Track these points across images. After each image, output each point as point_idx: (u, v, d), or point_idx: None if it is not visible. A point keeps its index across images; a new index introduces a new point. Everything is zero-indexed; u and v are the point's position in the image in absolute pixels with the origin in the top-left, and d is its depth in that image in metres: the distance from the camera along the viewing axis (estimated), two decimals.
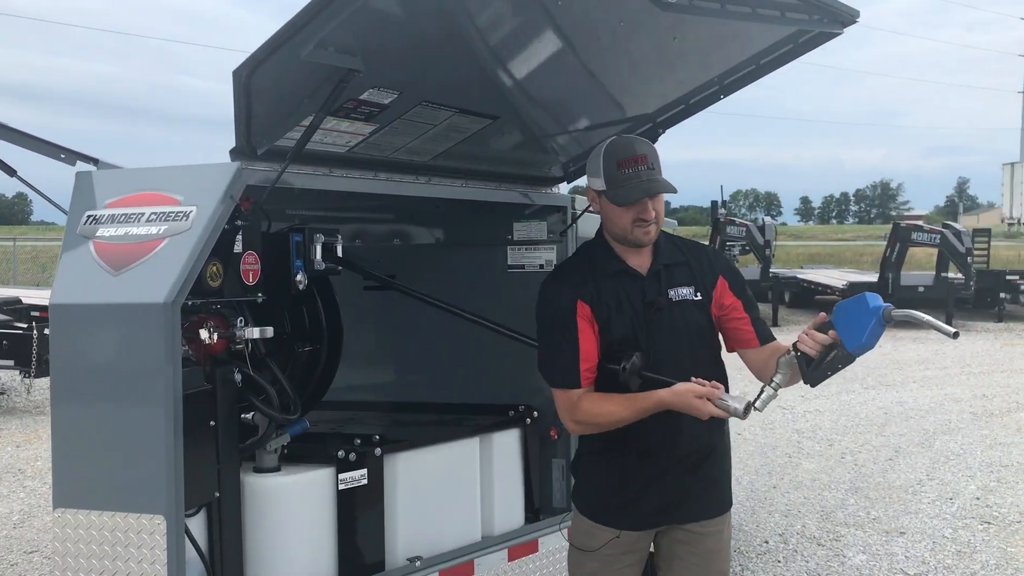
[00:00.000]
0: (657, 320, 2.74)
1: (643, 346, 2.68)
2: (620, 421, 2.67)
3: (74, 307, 2.70)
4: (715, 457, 2.87)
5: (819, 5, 3.18)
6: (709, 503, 2.87)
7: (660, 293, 2.76)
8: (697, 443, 2.81)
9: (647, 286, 2.77)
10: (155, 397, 2.56)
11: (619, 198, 2.69)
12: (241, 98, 2.70)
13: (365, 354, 4.46)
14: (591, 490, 2.89)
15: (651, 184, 2.69)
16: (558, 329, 2.75)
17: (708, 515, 2.86)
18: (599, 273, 2.78)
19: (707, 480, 2.85)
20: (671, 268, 2.80)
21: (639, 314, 2.74)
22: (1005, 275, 20.61)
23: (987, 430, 9.22)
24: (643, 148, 2.74)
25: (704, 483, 2.85)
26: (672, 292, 2.77)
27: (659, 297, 2.75)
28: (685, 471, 2.81)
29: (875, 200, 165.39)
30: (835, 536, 5.99)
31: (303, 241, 3.23)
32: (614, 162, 2.71)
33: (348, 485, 3.27)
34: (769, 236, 20.11)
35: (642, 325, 2.73)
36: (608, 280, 2.77)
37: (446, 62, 3.10)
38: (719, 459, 2.89)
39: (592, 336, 2.72)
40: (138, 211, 2.74)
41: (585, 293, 2.74)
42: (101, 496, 2.63)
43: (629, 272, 2.78)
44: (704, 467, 2.84)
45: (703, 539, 2.84)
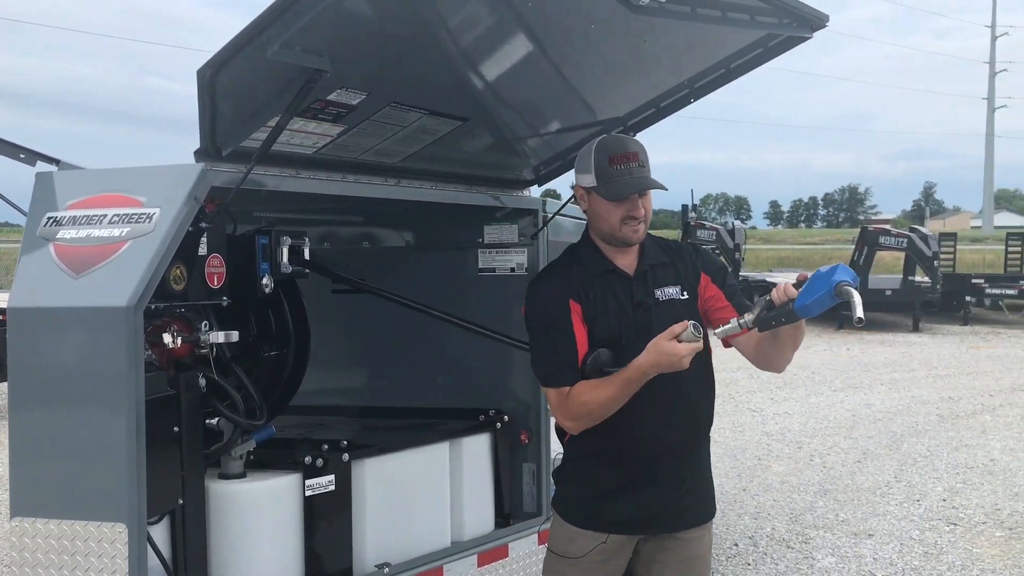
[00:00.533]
0: (645, 320, 2.73)
1: (631, 346, 2.66)
2: (610, 401, 2.64)
3: (34, 310, 2.63)
4: (703, 461, 2.88)
5: (788, 9, 3.19)
6: (699, 510, 2.87)
7: (648, 293, 2.77)
8: (684, 445, 2.81)
9: (635, 286, 2.77)
10: (117, 403, 2.51)
11: (610, 193, 2.70)
12: (205, 98, 2.66)
13: (333, 358, 4.42)
14: (578, 495, 2.85)
15: (642, 180, 2.71)
16: (554, 329, 2.73)
17: (697, 522, 2.85)
18: (587, 273, 2.79)
19: (696, 487, 2.85)
20: (657, 268, 2.81)
21: (627, 314, 2.75)
22: (971, 278, 20.88)
23: (953, 432, 9.31)
24: (635, 146, 2.76)
25: (694, 491, 2.84)
26: (659, 292, 2.78)
27: (647, 297, 2.76)
28: (677, 476, 2.80)
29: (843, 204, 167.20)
30: (804, 538, 6.01)
31: (269, 243, 3.19)
32: (606, 158, 2.71)
33: (315, 491, 3.23)
34: (739, 240, 20.26)
35: (629, 325, 2.73)
36: (596, 280, 2.77)
37: (416, 63, 3.07)
38: (706, 463, 2.90)
39: (584, 335, 2.73)
40: (100, 213, 2.69)
41: (576, 292, 2.75)
42: (61, 504, 2.57)
43: (617, 272, 2.79)
44: (695, 471, 2.84)
45: (687, 544, 2.83)
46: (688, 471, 2.82)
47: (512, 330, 3.83)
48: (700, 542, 2.87)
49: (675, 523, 2.82)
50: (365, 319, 4.40)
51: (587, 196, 2.78)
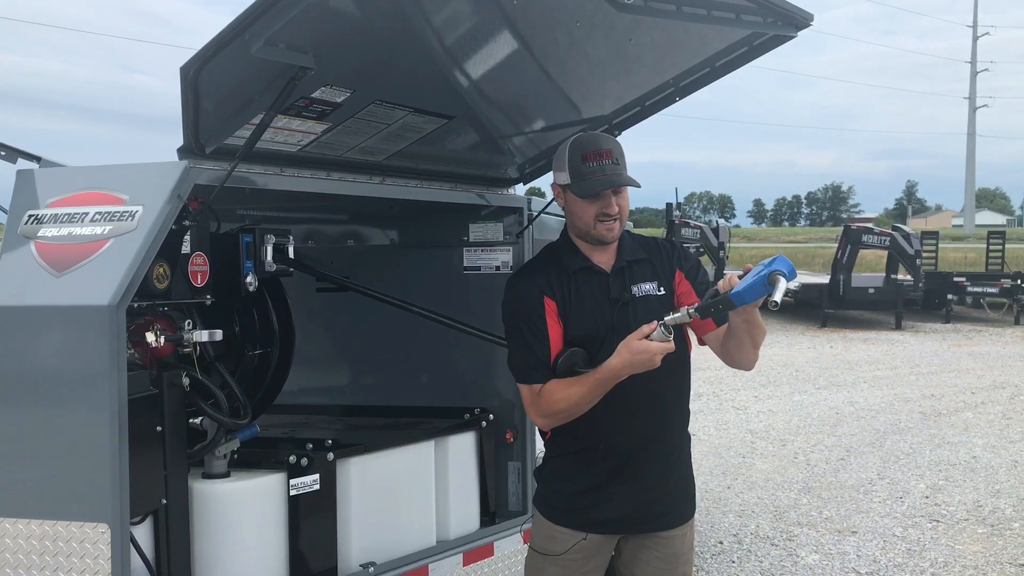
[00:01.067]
0: (622, 316, 2.74)
1: (608, 342, 2.66)
2: (581, 400, 2.64)
3: (14, 309, 2.61)
4: (683, 460, 2.89)
5: (773, 8, 3.19)
6: (678, 510, 2.88)
7: (624, 289, 2.77)
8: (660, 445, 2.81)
9: (611, 282, 2.78)
10: (99, 402, 2.49)
11: (583, 190, 2.71)
12: (189, 95, 2.63)
13: (318, 357, 4.41)
14: (558, 493, 2.86)
15: (615, 177, 2.71)
16: (526, 325, 2.75)
17: (676, 522, 2.86)
18: (564, 270, 2.79)
19: (677, 486, 2.86)
20: (634, 265, 2.81)
21: (603, 310, 2.75)
22: (952, 277, 21.03)
23: (935, 429, 9.38)
24: (608, 143, 2.77)
25: (674, 490, 2.85)
26: (635, 288, 2.78)
27: (623, 293, 2.76)
28: (656, 476, 2.80)
29: (826, 203, 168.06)
30: (788, 536, 6.04)
31: (253, 242, 3.17)
32: (579, 156, 2.73)
33: (300, 491, 3.21)
34: (723, 238, 20.32)
35: (606, 321, 2.74)
36: (572, 277, 2.78)
37: (401, 61, 3.06)
38: (686, 462, 2.91)
39: (559, 332, 2.73)
40: (82, 211, 2.67)
41: (550, 289, 2.76)
42: (42, 504, 2.54)
43: (593, 269, 2.79)
44: (674, 470, 2.85)
45: (668, 542, 2.84)
46: (666, 470, 2.82)
47: (497, 328, 3.81)
48: (682, 540, 2.87)
49: (654, 523, 2.83)
50: (350, 318, 4.38)
51: (563, 194, 2.80)
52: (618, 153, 2.75)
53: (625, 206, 2.78)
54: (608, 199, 2.72)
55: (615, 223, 2.75)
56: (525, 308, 2.76)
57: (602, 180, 2.70)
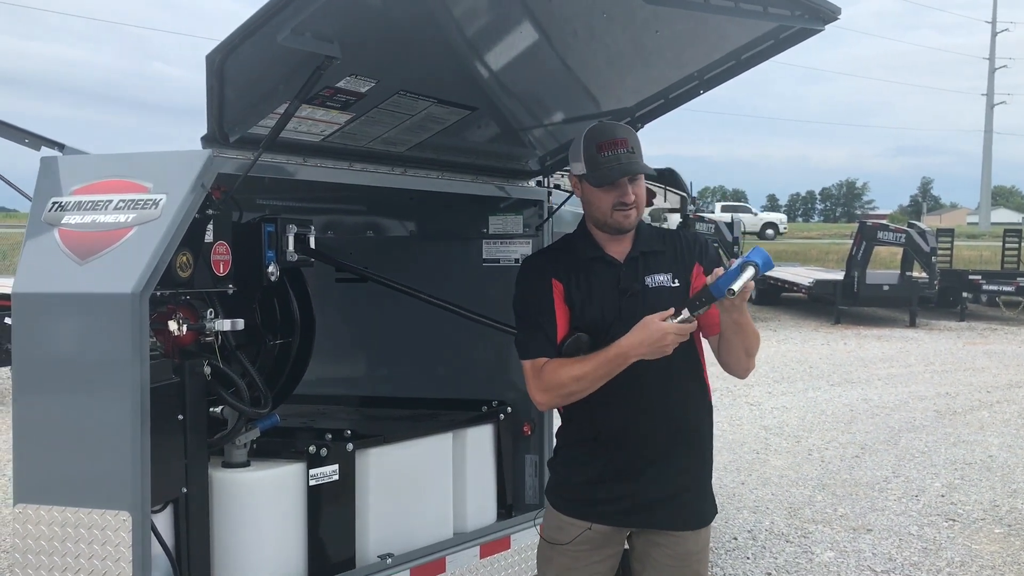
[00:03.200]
0: (630, 306, 2.72)
1: (616, 332, 2.64)
2: (584, 377, 2.63)
3: (38, 296, 2.61)
4: (695, 463, 2.82)
5: (801, 1, 3.17)
6: (691, 512, 2.81)
7: (636, 280, 2.76)
8: (671, 443, 2.77)
9: (623, 273, 2.77)
10: (121, 390, 2.49)
11: (597, 179, 2.71)
12: (214, 84, 2.63)
13: (337, 348, 4.41)
14: (564, 482, 2.86)
15: (630, 165, 2.71)
16: (533, 303, 2.78)
17: (691, 526, 2.81)
18: (575, 258, 2.81)
19: (688, 488, 2.80)
20: (649, 255, 2.80)
21: (612, 300, 2.75)
22: (968, 275, 20.89)
23: (951, 428, 9.32)
24: (623, 132, 2.76)
25: (685, 492, 2.79)
26: (649, 279, 2.77)
27: (634, 284, 2.75)
28: (663, 473, 2.77)
29: (840, 199, 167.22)
30: (803, 533, 6.01)
31: (275, 231, 3.16)
32: (594, 145, 2.72)
33: (319, 481, 3.22)
34: (737, 233, 20.24)
35: (614, 311, 2.73)
36: (583, 266, 2.79)
37: (425, 51, 3.04)
38: (700, 466, 2.84)
39: (565, 315, 2.75)
40: (106, 198, 2.66)
41: (560, 273, 2.78)
42: (64, 491, 2.55)
43: (604, 259, 2.79)
44: (685, 472, 2.80)
45: (681, 541, 2.80)
46: (677, 469, 2.78)
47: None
48: (696, 539, 2.82)
49: (661, 520, 2.78)
50: (369, 308, 4.38)
51: (579, 184, 2.81)
52: (633, 142, 2.74)
53: (641, 194, 2.78)
54: (624, 187, 2.72)
55: (632, 211, 2.75)
56: (534, 286, 2.79)
57: (617, 169, 2.70)
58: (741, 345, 2.69)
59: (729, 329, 2.64)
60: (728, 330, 2.65)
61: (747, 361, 2.75)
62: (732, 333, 2.65)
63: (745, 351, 2.72)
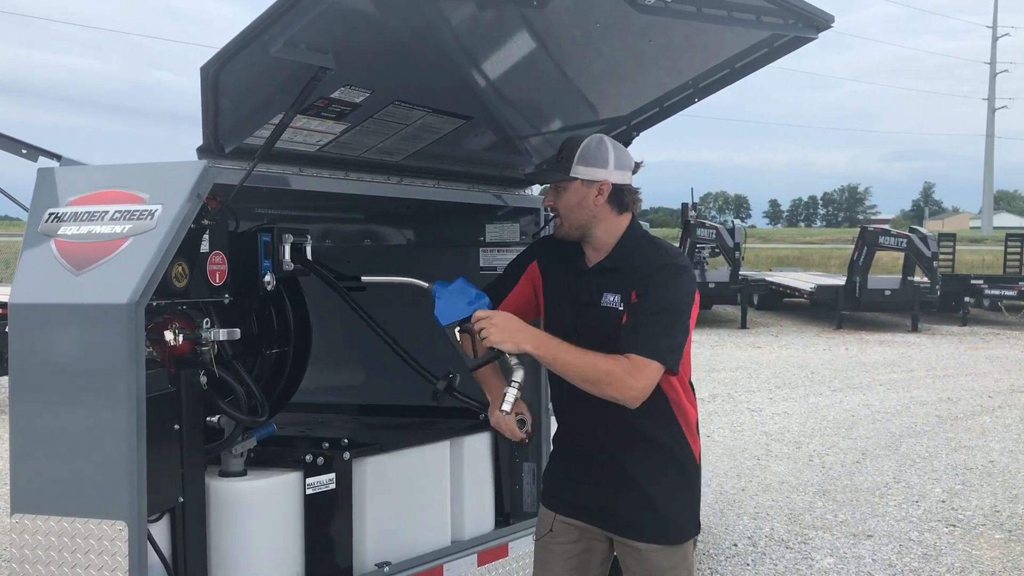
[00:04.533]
0: (584, 318, 2.77)
1: (567, 337, 2.68)
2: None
3: (35, 307, 2.62)
4: (641, 479, 2.78)
5: (794, 10, 3.18)
6: (639, 524, 2.79)
7: (595, 293, 2.77)
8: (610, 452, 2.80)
9: (584, 283, 2.80)
10: (118, 400, 2.50)
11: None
12: (209, 95, 2.65)
13: (334, 356, 4.41)
14: (545, 476, 3.07)
15: (538, 174, 2.93)
16: (509, 266, 3.03)
17: (640, 537, 2.78)
18: (562, 255, 2.88)
19: (635, 502, 2.78)
20: (609, 272, 2.77)
21: (570, 306, 2.82)
22: (970, 279, 20.90)
23: (952, 433, 9.31)
24: (568, 140, 2.81)
25: (632, 505, 2.78)
26: (604, 296, 2.76)
27: (593, 296, 2.77)
28: (606, 481, 2.80)
29: (843, 204, 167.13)
30: (803, 539, 6.01)
31: (271, 241, 3.17)
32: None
33: (316, 490, 3.22)
34: (738, 239, 20.25)
35: (571, 317, 2.80)
36: (563, 263, 2.87)
37: (420, 61, 3.06)
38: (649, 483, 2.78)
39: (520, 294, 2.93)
40: (102, 209, 2.68)
41: (544, 261, 2.89)
42: (61, 501, 2.56)
43: (577, 264, 2.83)
44: (631, 487, 2.78)
45: (646, 556, 2.78)
46: (618, 481, 2.78)
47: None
48: (666, 555, 2.78)
49: (621, 528, 2.81)
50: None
51: None
52: (569, 149, 2.75)
53: (561, 204, 2.77)
54: (549, 194, 2.83)
55: (557, 218, 2.82)
56: (518, 256, 3.03)
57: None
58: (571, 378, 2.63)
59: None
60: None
61: (588, 387, 2.61)
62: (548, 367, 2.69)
63: (575, 381, 2.62)
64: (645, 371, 2.57)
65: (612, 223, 2.76)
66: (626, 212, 2.79)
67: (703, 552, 5.72)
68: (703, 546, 5.81)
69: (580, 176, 2.72)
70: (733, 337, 18.00)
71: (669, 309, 2.64)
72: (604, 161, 2.73)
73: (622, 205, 2.77)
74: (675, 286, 2.66)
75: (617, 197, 2.75)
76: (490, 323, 2.63)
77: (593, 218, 2.75)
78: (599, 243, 2.78)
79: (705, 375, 12.61)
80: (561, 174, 2.74)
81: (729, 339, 17.64)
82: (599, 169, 2.72)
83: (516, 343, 2.60)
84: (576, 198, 2.74)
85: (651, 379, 2.59)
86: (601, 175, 2.72)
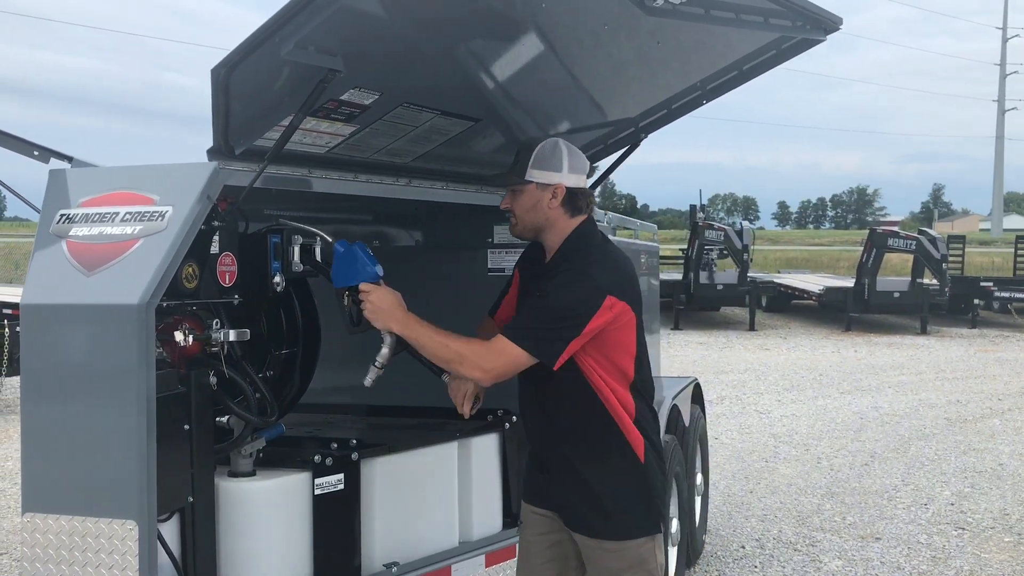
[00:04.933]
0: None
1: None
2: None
3: (46, 307, 2.64)
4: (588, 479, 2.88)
5: (802, 12, 3.19)
6: (590, 523, 2.88)
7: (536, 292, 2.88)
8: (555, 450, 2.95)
9: (535, 283, 2.92)
10: (128, 400, 2.51)
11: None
12: (219, 97, 2.66)
13: (343, 356, 4.41)
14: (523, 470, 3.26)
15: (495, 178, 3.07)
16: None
17: (588, 532, 2.89)
18: (534, 255, 3.04)
19: (584, 499, 2.89)
20: (551, 272, 2.88)
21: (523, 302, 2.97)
22: (979, 281, 20.83)
23: (961, 436, 9.29)
24: (523, 145, 2.94)
25: (581, 502, 2.89)
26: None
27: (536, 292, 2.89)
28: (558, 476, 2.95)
29: (851, 206, 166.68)
30: (811, 541, 6.00)
31: (281, 242, 3.18)
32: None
33: (324, 490, 3.23)
34: (747, 240, 20.21)
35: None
36: (530, 263, 3.04)
37: (429, 64, 3.07)
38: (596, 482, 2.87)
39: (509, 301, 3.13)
40: (113, 210, 2.69)
41: (522, 265, 3.10)
42: (72, 500, 2.57)
43: (538, 264, 2.97)
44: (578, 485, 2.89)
45: (602, 554, 2.87)
46: (567, 475, 2.91)
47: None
48: (617, 554, 2.86)
49: (569, 520, 2.94)
50: None
51: None
52: (524, 152, 2.88)
53: (515, 205, 2.92)
54: (505, 197, 2.96)
55: (512, 218, 2.94)
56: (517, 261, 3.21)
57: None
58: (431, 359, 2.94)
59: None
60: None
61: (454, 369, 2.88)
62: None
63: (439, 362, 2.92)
64: (503, 354, 2.73)
65: (564, 225, 2.89)
66: (580, 214, 2.90)
67: (710, 554, 5.72)
68: (710, 548, 5.81)
69: (535, 179, 2.85)
70: (741, 339, 17.97)
71: (552, 307, 2.75)
72: (558, 165, 2.85)
73: (576, 208, 2.89)
74: (568, 290, 2.76)
75: (571, 200, 2.88)
76: (367, 299, 2.85)
77: (547, 220, 2.88)
78: (550, 244, 2.92)
79: (713, 377, 12.59)
80: (517, 177, 2.86)
81: (737, 341, 17.61)
82: (554, 173, 2.84)
83: (384, 323, 2.87)
84: (531, 201, 2.87)
85: (509, 363, 2.74)
86: (556, 179, 2.84)
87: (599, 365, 2.82)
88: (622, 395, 2.86)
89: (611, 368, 2.83)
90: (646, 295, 6.26)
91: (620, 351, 2.83)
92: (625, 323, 2.81)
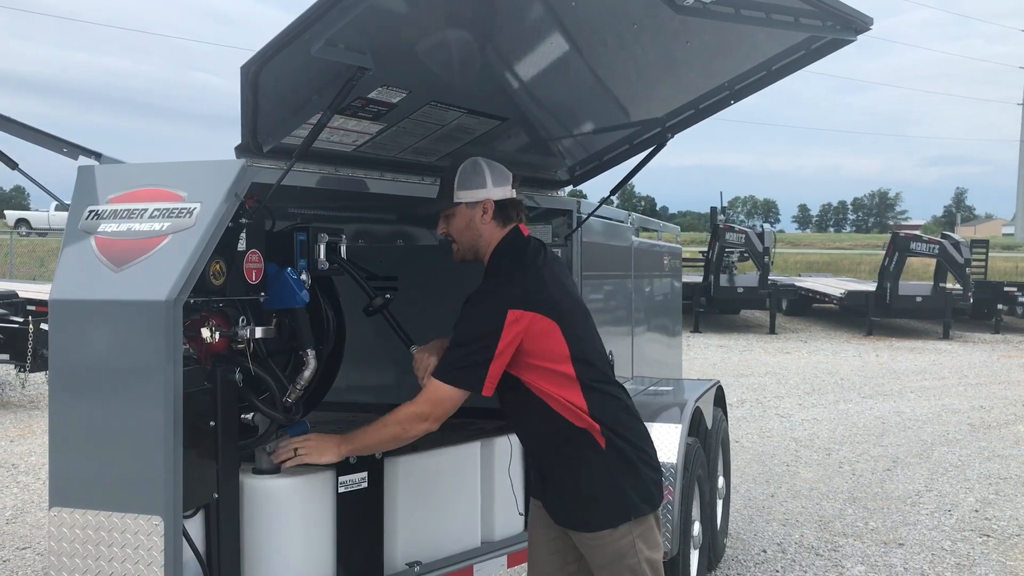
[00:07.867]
0: None
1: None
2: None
3: (74, 303, 2.65)
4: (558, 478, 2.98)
5: (833, 12, 3.15)
6: (570, 516, 2.98)
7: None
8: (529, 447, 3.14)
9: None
10: (155, 396, 2.52)
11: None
12: (248, 94, 2.66)
13: (367, 355, 4.42)
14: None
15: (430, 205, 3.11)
16: None
17: (573, 527, 2.97)
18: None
19: (559, 496, 2.99)
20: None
21: None
22: (1003, 286, 20.64)
23: (985, 442, 9.20)
24: (445, 171, 3.05)
25: (556, 499, 3.00)
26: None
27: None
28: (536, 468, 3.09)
29: (873, 209, 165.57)
30: (833, 546, 5.96)
31: (307, 240, 3.18)
32: None
33: (348, 488, 3.23)
34: (768, 243, 20.16)
35: None
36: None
37: (456, 62, 3.06)
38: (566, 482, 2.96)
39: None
40: (141, 207, 2.70)
41: None
42: (98, 495, 2.58)
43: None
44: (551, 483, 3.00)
45: (591, 551, 2.95)
46: (546, 472, 3.02)
47: None
48: (601, 551, 2.92)
49: (554, 517, 3.01)
50: (400, 316, 4.39)
51: None
52: (447, 178, 3.00)
53: (453, 228, 3.03)
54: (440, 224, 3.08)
55: (453, 244, 3.06)
56: None
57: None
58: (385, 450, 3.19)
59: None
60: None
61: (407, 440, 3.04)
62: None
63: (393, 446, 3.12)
64: (437, 397, 2.90)
65: (495, 237, 3.02)
66: (511, 223, 3.02)
67: (731, 558, 5.69)
68: (731, 551, 5.78)
69: (463, 200, 2.98)
70: (762, 342, 17.88)
71: (461, 338, 2.89)
72: (482, 181, 2.97)
73: (507, 218, 3.02)
74: (470, 317, 2.90)
75: (502, 211, 3.00)
76: (304, 447, 2.97)
77: (480, 236, 3.02)
78: (486, 259, 3.04)
79: (734, 380, 12.53)
80: (446, 202, 2.98)
81: (758, 344, 17.52)
82: (479, 189, 2.97)
83: (327, 459, 2.99)
84: (464, 221, 3.01)
85: (445, 401, 2.90)
86: (482, 195, 2.97)
87: (539, 376, 2.88)
88: (570, 396, 2.89)
89: (550, 375, 2.87)
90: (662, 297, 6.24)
91: (552, 358, 2.86)
92: (541, 331, 2.84)
